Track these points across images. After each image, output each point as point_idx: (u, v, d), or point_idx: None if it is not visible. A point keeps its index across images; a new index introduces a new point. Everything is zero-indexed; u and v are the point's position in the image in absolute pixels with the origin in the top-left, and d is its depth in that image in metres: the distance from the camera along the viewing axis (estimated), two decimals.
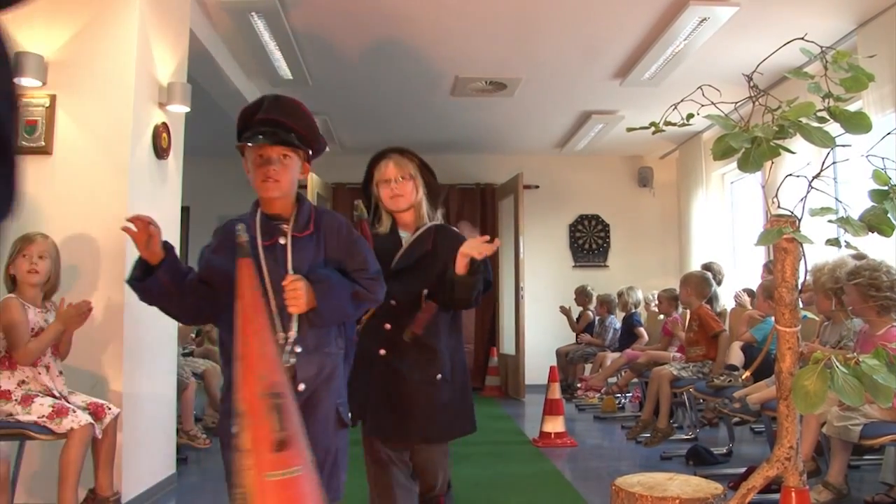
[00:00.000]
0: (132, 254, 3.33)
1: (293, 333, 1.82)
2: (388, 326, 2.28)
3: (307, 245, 1.90)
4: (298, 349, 1.82)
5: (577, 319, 7.49)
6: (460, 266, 2.21)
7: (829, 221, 1.47)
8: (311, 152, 1.99)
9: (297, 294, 1.76)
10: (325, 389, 1.87)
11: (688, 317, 5.20)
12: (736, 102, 1.64)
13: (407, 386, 2.24)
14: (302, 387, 1.82)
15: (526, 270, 7.38)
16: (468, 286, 2.21)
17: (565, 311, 7.38)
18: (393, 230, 2.41)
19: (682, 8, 4.34)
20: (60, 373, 2.93)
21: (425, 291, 2.27)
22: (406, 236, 2.38)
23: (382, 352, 2.27)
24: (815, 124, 1.43)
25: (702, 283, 4.95)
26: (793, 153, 1.48)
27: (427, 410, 2.25)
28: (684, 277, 5.17)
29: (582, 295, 7.52)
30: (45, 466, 3.05)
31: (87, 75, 3.34)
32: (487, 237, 2.24)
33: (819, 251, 1.90)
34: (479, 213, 8.25)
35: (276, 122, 1.89)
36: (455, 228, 2.49)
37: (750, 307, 4.95)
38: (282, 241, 1.89)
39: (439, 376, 2.26)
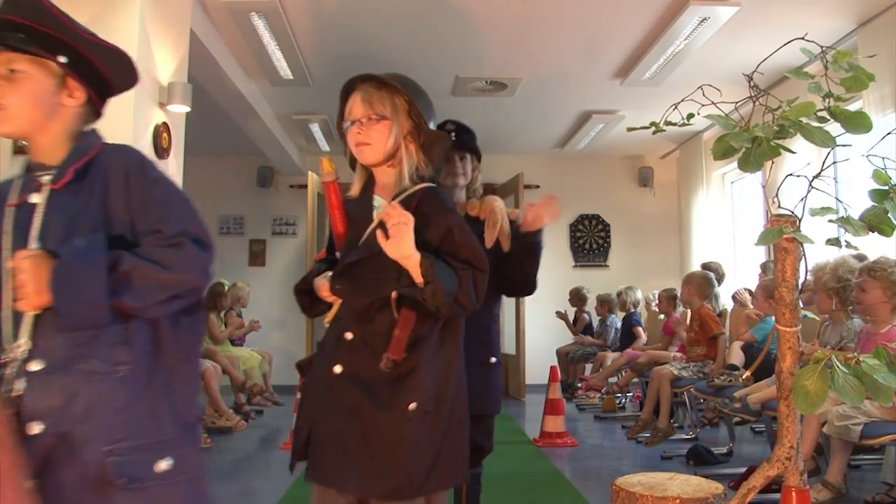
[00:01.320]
0: None
1: (24, 344, 1.22)
2: (348, 336, 1.63)
3: (69, 201, 1.29)
4: (36, 366, 1.21)
5: (573, 322, 7.48)
6: (411, 268, 1.54)
7: (830, 221, 1.47)
8: (79, 62, 1.34)
9: (21, 280, 1.19)
10: (85, 430, 1.20)
11: (688, 316, 5.20)
12: (736, 102, 1.64)
13: (366, 415, 1.59)
14: (38, 428, 1.19)
15: None
16: (431, 294, 1.53)
17: (562, 316, 7.37)
18: (365, 195, 1.75)
19: (682, 8, 4.34)
20: None
21: (394, 294, 1.59)
22: (381, 206, 1.70)
23: (338, 369, 1.62)
24: (816, 124, 1.43)
25: (704, 283, 4.95)
26: (793, 153, 1.48)
27: (390, 451, 1.57)
28: (687, 277, 5.18)
29: (576, 297, 7.49)
30: None
31: None
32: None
33: (819, 251, 1.90)
34: None
35: (4, 23, 1.30)
36: (447, 198, 1.74)
37: (750, 305, 4.95)
38: (34, 198, 1.30)
39: (413, 406, 1.57)
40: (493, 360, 2.31)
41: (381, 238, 1.55)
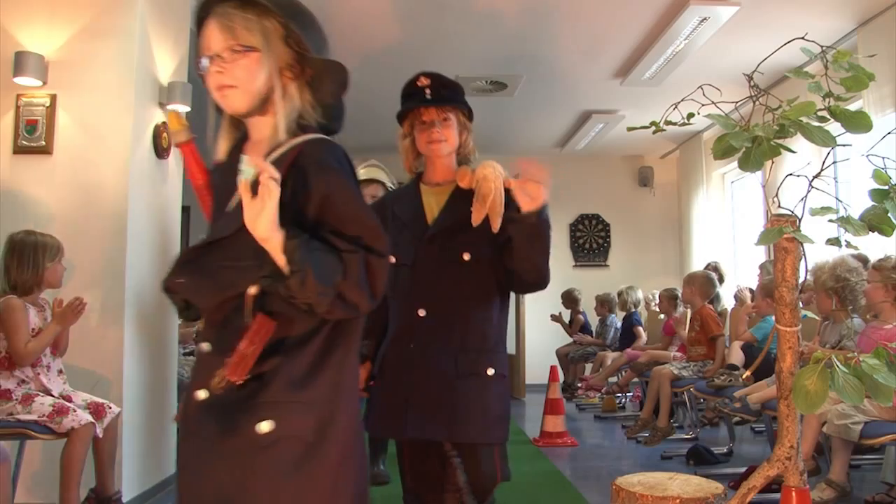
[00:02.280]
0: (132, 254, 3.34)
1: None
2: (205, 348, 1.22)
3: None
4: None
5: (569, 323, 7.46)
6: (272, 252, 1.11)
7: (830, 221, 1.47)
8: None
9: None
10: None
11: (688, 316, 5.20)
12: (736, 102, 1.64)
13: (225, 449, 1.15)
14: None
15: None
16: (298, 287, 1.09)
17: (557, 319, 7.35)
18: (233, 157, 1.26)
19: (682, 8, 4.34)
20: (60, 371, 2.94)
21: (252, 290, 1.15)
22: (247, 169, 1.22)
23: (202, 394, 1.19)
24: (816, 124, 1.43)
25: (706, 284, 4.95)
26: (793, 152, 1.48)
27: (256, 496, 1.14)
28: (689, 277, 5.17)
29: (568, 299, 7.45)
30: (46, 466, 3.06)
31: (87, 75, 3.34)
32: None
33: (819, 251, 1.90)
34: None
35: None
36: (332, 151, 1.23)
37: (750, 303, 4.95)
38: None
39: (268, 426, 1.13)
40: (492, 371, 1.87)
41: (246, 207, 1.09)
